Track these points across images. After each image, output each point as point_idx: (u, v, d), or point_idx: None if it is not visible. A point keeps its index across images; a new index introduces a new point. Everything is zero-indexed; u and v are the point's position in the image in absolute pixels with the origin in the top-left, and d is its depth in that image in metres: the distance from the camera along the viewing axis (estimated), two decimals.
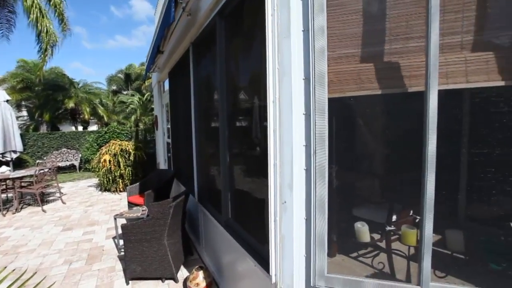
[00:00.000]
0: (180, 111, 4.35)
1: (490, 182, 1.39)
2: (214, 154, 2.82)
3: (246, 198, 2.33)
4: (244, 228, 2.19)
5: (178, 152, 4.84)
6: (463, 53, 1.30)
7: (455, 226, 1.73)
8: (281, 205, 1.50)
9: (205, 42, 2.93)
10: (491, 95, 1.29)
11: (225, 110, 2.39)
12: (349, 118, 1.66)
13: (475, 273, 1.58)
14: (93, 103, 15.09)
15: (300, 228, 1.47)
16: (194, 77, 3.32)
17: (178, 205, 2.91)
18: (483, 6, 1.32)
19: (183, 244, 3.15)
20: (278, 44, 1.45)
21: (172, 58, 4.37)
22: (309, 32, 1.36)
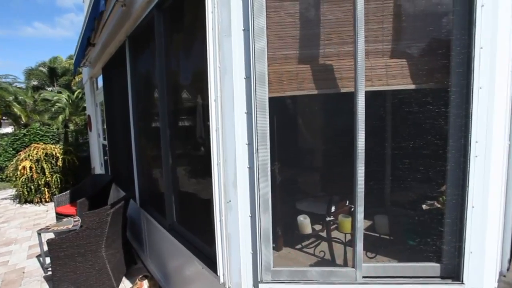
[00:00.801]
0: (116, 111, 4.02)
1: (407, 172, 1.60)
2: (156, 155, 2.68)
3: (191, 200, 2.27)
4: (190, 231, 2.14)
5: (116, 155, 4.47)
6: (384, 59, 1.46)
7: (382, 211, 1.95)
8: (226, 204, 1.50)
9: (143, 37, 2.76)
10: (406, 97, 1.48)
11: (166, 109, 2.28)
12: (290, 117, 1.74)
13: (397, 250, 1.80)
14: (6, 100, 12.92)
15: (245, 226, 1.49)
16: (131, 74, 3.10)
17: (117, 212, 2.69)
18: (398, 19, 1.50)
19: (125, 254, 2.93)
20: (219, 42, 1.44)
21: (106, 52, 4.01)
22: (250, 32, 1.38)
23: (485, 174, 1.36)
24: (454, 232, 1.46)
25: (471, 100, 1.30)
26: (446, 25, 1.42)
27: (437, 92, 1.40)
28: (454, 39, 1.35)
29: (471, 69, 1.30)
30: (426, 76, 1.44)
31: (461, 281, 1.46)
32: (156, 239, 2.74)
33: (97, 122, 6.06)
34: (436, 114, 1.40)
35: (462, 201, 1.39)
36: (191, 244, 2.02)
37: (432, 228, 1.56)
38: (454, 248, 1.47)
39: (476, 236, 1.41)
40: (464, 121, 1.32)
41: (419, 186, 1.66)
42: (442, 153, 1.38)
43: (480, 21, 1.30)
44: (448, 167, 1.38)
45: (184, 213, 2.32)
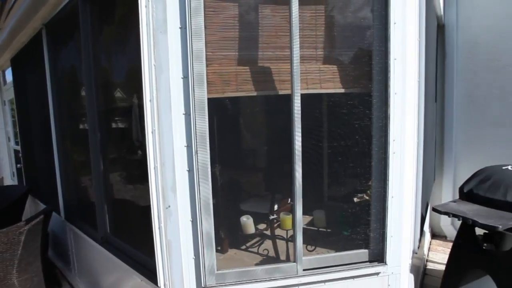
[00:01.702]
0: (33, 110, 3.49)
1: (340, 169, 1.75)
2: (84, 161, 2.40)
3: (127, 208, 2.10)
4: (127, 242, 1.97)
5: (32, 162, 3.87)
6: (318, 64, 1.57)
7: (320, 206, 2.09)
8: (165, 210, 1.43)
9: (66, 26, 2.45)
10: (338, 100, 1.61)
11: (95, 109, 2.07)
12: (231, 118, 1.74)
13: (334, 240, 1.94)
14: None
15: (186, 231, 1.44)
16: (51, 68, 2.72)
17: (34, 229, 2.33)
18: (329, 29, 1.63)
19: (45, 276, 2.55)
20: (154, 39, 1.36)
21: (16, 41, 3.43)
22: (187, 31, 1.33)
23: (401, 168, 1.56)
24: (379, 220, 1.65)
25: (388, 104, 1.48)
26: (369, 37, 1.59)
27: (362, 96, 1.56)
28: (374, 50, 1.53)
29: (388, 77, 1.48)
30: (353, 81, 1.59)
31: (385, 262, 1.66)
32: (87, 255, 2.46)
33: (6, 123, 5.17)
34: (362, 115, 1.56)
35: (384, 192, 1.57)
36: (128, 256, 1.87)
37: (362, 218, 1.73)
38: (379, 234, 1.66)
39: (395, 222, 1.61)
40: (384, 122, 1.50)
41: (351, 181, 1.83)
42: (367, 150, 1.54)
43: (393, 36, 1.49)
44: (373, 163, 1.56)
45: (119, 224, 2.13)
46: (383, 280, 1.70)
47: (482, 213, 1.79)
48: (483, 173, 2.05)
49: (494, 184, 1.92)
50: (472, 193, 1.99)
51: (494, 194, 1.89)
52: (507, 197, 1.82)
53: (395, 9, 1.50)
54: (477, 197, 1.96)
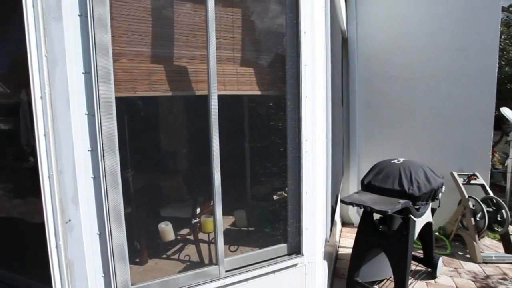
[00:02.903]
0: None
1: (261, 168, 1.81)
2: None
3: (11, 228, 1.74)
4: (13, 270, 1.63)
5: None
6: (235, 66, 1.59)
7: (241, 206, 2.12)
8: (65, 224, 1.23)
9: None
10: (256, 101, 1.67)
11: None
12: (145, 119, 1.62)
13: (256, 238, 2.00)
14: None
15: (93, 246, 1.27)
16: None
17: None
18: (246, 32, 1.67)
19: None
20: (45, 25, 1.16)
21: None
22: (89, 20, 1.18)
23: (313, 166, 1.71)
24: (295, 215, 1.76)
25: (300, 106, 1.60)
26: (283, 43, 1.69)
27: (277, 99, 1.65)
28: (287, 56, 1.63)
29: (299, 81, 1.60)
30: (269, 84, 1.67)
31: (302, 254, 1.79)
32: None
33: None
34: (277, 117, 1.65)
35: (299, 188, 1.69)
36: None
37: (281, 214, 1.83)
38: (296, 228, 1.78)
39: (309, 216, 1.75)
40: (297, 123, 1.62)
41: (270, 180, 1.91)
42: (283, 150, 1.64)
43: (304, 44, 1.62)
44: (288, 162, 1.66)
45: (2, 248, 1.75)
46: (300, 270, 1.83)
47: (378, 200, 2.11)
48: (378, 167, 2.42)
49: (385, 176, 2.28)
50: (370, 184, 2.32)
51: (386, 184, 2.24)
52: (394, 186, 2.18)
53: (305, 20, 1.63)
54: (374, 188, 2.29)
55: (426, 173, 2.27)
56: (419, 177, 2.21)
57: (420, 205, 2.20)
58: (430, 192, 2.23)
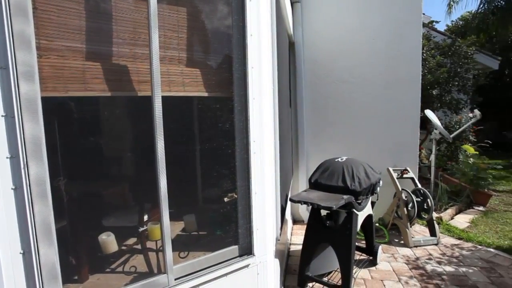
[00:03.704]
0: None
1: (208, 170, 1.78)
2: None
3: None
4: None
5: None
6: (180, 66, 1.54)
7: (191, 210, 2.05)
8: None
9: None
10: (204, 102, 1.63)
11: None
12: (80, 121, 1.48)
13: (207, 242, 1.96)
14: None
15: (15, 269, 1.11)
16: None
17: None
18: (193, 32, 1.63)
19: None
20: None
21: None
22: (3, 6, 1.03)
23: (261, 166, 1.74)
24: (245, 216, 1.77)
25: (248, 108, 1.62)
26: (230, 45, 1.69)
27: (225, 100, 1.64)
28: (234, 57, 1.64)
29: (246, 83, 1.62)
30: (216, 85, 1.65)
31: (253, 254, 1.80)
32: None
33: None
34: (225, 118, 1.64)
35: (248, 189, 1.70)
36: None
37: (232, 216, 1.82)
38: (246, 229, 1.79)
39: (259, 216, 1.78)
40: (244, 124, 1.63)
41: (219, 182, 1.89)
42: (231, 151, 1.63)
43: (250, 46, 1.64)
44: (237, 163, 1.66)
45: None
46: (252, 270, 1.84)
47: (324, 197, 2.23)
48: (323, 166, 2.56)
49: (330, 174, 2.43)
50: (317, 182, 2.45)
51: (331, 181, 2.39)
52: (338, 183, 2.34)
53: (251, 23, 1.65)
54: (320, 185, 2.43)
55: (365, 170, 2.47)
56: (360, 174, 2.40)
57: (361, 199, 2.39)
58: (370, 187, 2.43)
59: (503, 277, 2.73)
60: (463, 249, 3.30)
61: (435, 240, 3.44)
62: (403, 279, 2.71)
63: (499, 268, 2.88)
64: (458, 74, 6.15)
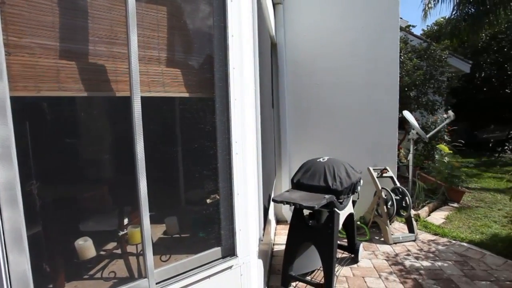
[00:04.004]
0: None
1: (190, 172, 1.76)
2: None
3: None
4: None
5: None
6: (160, 66, 1.51)
7: (173, 213, 2.02)
8: None
9: None
10: (186, 103, 1.61)
11: None
12: (55, 122, 1.42)
13: (190, 244, 1.93)
14: None
15: None
16: None
17: None
18: (173, 31, 1.61)
19: None
20: None
21: None
22: None
23: (244, 167, 1.74)
24: (228, 217, 1.76)
25: (230, 109, 1.61)
26: (212, 45, 1.68)
27: (206, 101, 1.62)
28: (216, 58, 1.63)
29: (228, 84, 1.61)
30: (197, 86, 1.63)
31: (236, 255, 1.79)
32: None
33: None
34: (207, 119, 1.63)
35: (230, 190, 1.70)
36: None
37: (214, 218, 1.81)
38: (229, 230, 1.78)
39: (242, 217, 1.77)
40: (226, 125, 1.62)
41: (202, 183, 1.87)
42: (213, 152, 1.62)
43: (231, 47, 1.64)
44: (219, 164, 1.65)
45: None
46: (236, 271, 1.83)
47: (306, 197, 2.26)
48: (306, 166, 2.60)
49: (312, 174, 2.46)
50: (299, 183, 2.47)
51: (313, 181, 2.42)
52: (320, 182, 2.37)
53: (232, 23, 1.65)
54: (303, 185, 2.45)
55: (346, 169, 2.53)
56: (341, 173, 2.45)
57: (342, 198, 2.44)
58: (351, 186, 2.49)
59: (475, 269, 2.87)
60: (439, 244, 3.44)
61: (413, 237, 3.56)
62: (383, 275, 2.79)
63: (471, 261, 3.03)
64: (434, 76, 6.42)
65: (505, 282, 2.65)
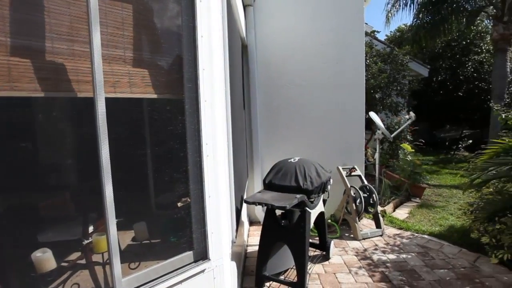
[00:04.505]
0: None
1: (162, 175, 1.71)
2: None
3: None
4: None
5: None
6: (127, 66, 1.45)
7: (144, 218, 1.95)
8: None
9: None
10: (151, 105, 1.56)
11: None
12: (7, 125, 1.30)
13: (160, 249, 1.87)
14: None
15: None
16: None
17: None
18: (140, 30, 1.55)
19: None
20: None
21: None
22: None
23: (215, 169, 1.72)
24: (200, 220, 1.74)
25: (200, 110, 1.59)
26: (181, 45, 1.64)
27: (175, 102, 1.59)
28: (185, 59, 1.60)
29: (197, 85, 1.59)
30: (166, 87, 1.59)
31: (208, 258, 1.77)
32: None
33: None
34: (176, 121, 1.59)
35: (201, 193, 1.67)
36: None
37: (186, 221, 1.77)
38: (201, 233, 1.75)
39: (214, 219, 1.75)
40: (196, 127, 1.60)
41: (173, 186, 1.82)
42: (183, 155, 1.59)
43: (201, 48, 1.62)
44: (189, 167, 1.62)
45: None
46: (209, 275, 1.81)
47: (277, 197, 2.29)
48: (277, 166, 2.63)
49: (284, 174, 2.50)
50: (271, 183, 2.50)
51: (284, 181, 2.46)
52: (291, 182, 2.42)
53: (201, 24, 1.63)
54: (274, 186, 2.48)
55: (317, 169, 2.60)
56: (312, 173, 2.51)
57: (313, 197, 2.51)
58: (321, 186, 2.56)
59: (435, 259, 3.09)
60: (403, 238, 3.65)
61: (380, 232, 3.74)
62: (353, 270, 2.90)
63: (431, 252, 3.25)
64: (397, 79, 6.82)
65: (460, 269, 2.88)
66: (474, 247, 3.22)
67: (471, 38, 11.27)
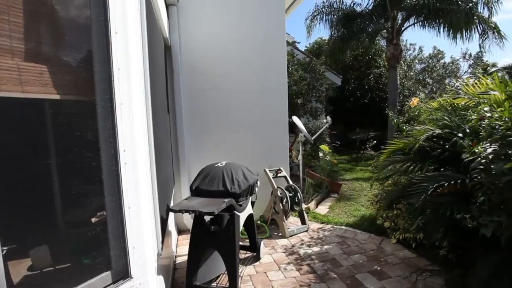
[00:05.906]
0: None
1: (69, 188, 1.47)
2: None
3: None
4: None
5: None
6: (15, 60, 1.22)
7: (47, 241, 1.64)
8: None
9: None
10: (52, 107, 1.34)
11: None
12: None
13: (70, 273, 1.60)
14: None
15: None
16: None
17: None
18: (33, 18, 1.32)
19: None
20: None
21: None
22: None
23: (135, 177, 1.57)
24: (118, 236, 1.56)
25: (115, 114, 1.44)
26: (90, 40, 1.46)
27: (85, 104, 1.40)
28: (96, 57, 1.43)
29: (112, 86, 1.44)
30: (71, 87, 1.39)
31: (130, 276, 1.60)
32: None
33: None
34: (86, 126, 1.40)
35: (120, 205, 1.51)
36: None
37: (102, 238, 1.56)
38: (120, 249, 1.58)
39: (135, 232, 1.60)
40: (111, 132, 1.44)
41: (84, 200, 1.59)
42: (96, 164, 1.41)
43: (115, 45, 1.47)
44: (104, 177, 1.44)
45: None
46: None
47: (205, 203, 2.24)
48: (204, 171, 2.58)
49: (211, 179, 2.46)
50: (198, 189, 2.43)
51: (212, 186, 2.42)
52: (219, 187, 2.40)
53: (115, 19, 1.48)
54: (202, 191, 2.42)
55: (244, 172, 2.64)
56: (239, 177, 2.54)
57: (242, 200, 2.53)
58: (249, 188, 2.61)
59: (350, 246, 3.48)
60: (325, 231, 4.01)
61: (306, 228, 4.03)
62: (282, 267, 3.04)
63: (348, 240, 3.65)
64: (315, 87, 7.51)
65: (370, 252, 3.31)
66: (380, 232, 3.75)
67: (372, 54, 13.27)
